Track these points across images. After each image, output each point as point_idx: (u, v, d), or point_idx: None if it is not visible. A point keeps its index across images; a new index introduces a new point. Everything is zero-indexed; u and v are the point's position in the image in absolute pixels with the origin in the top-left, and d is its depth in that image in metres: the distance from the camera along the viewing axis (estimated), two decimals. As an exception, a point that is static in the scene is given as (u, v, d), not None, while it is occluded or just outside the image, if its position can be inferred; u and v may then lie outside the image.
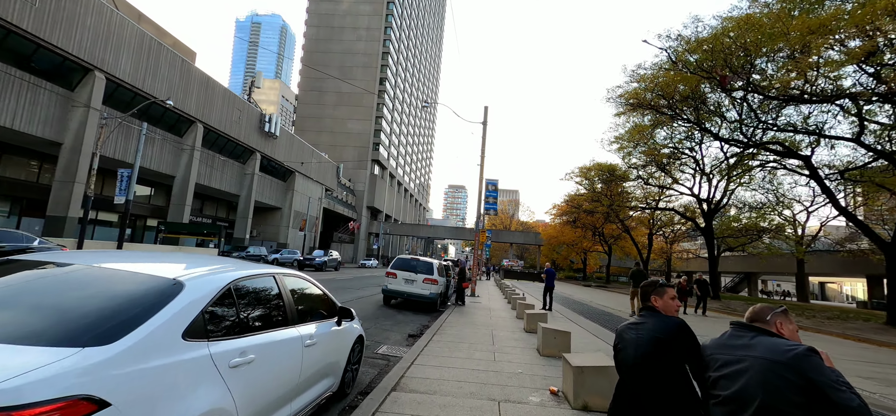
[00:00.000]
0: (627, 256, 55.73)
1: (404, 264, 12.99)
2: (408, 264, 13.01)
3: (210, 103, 31.74)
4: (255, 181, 38.58)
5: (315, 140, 71.17)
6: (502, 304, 16.37)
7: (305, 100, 76.40)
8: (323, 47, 77.50)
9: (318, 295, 4.09)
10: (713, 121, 19.76)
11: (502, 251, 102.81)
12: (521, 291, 23.58)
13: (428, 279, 12.61)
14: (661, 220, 38.60)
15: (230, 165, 36.32)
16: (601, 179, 34.71)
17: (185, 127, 30.38)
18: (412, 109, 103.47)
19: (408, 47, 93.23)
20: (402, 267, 12.92)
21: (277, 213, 46.07)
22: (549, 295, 14.51)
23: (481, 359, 6.43)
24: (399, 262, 13.13)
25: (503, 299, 18.63)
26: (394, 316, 11.24)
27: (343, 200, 66.03)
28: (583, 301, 21.46)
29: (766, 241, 29.59)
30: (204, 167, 32.63)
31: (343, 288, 18.17)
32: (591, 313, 15.33)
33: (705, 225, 26.23)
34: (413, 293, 12.56)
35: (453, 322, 10.24)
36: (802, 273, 34.67)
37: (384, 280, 13.00)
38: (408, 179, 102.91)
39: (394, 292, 12.72)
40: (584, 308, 17.33)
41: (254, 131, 37.93)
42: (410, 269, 12.83)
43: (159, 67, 26.77)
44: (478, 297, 18.75)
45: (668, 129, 23.18)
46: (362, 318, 10.57)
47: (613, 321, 13.23)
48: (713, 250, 26.33)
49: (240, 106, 35.58)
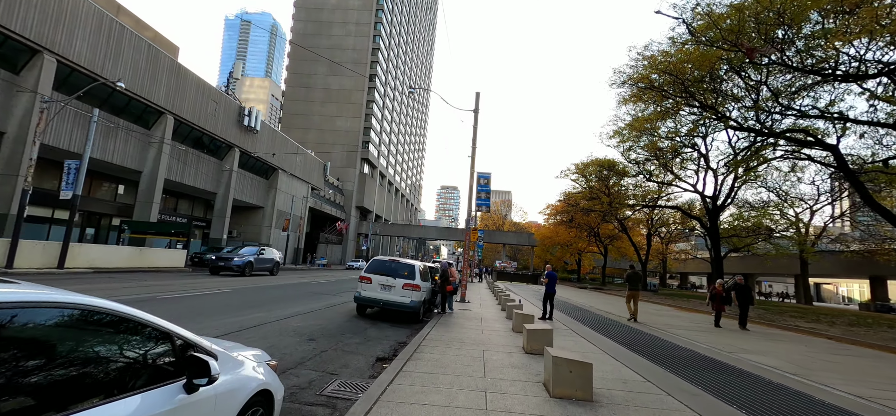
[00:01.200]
0: (623, 256, 54.31)
1: (381, 267, 11.05)
2: (385, 267, 11.07)
3: (181, 93, 29.49)
4: (234, 178, 36.32)
5: (302, 138, 68.92)
6: (495, 312, 14.49)
7: (292, 97, 74.04)
8: (311, 42, 75.20)
9: (142, 338, 2.14)
10: (726, 107, 18.06)
11: (495, 253, 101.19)
12: (517, 295, 21.70)
13: (409, 285, 10.69)
14: (662, 218, 37.07)
15: (206, 160, 34.04)
16: (599, 177, 33.02)
17: (154, 118, 28.11)
18: (403, 108, 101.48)
19: (398, 44, 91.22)
20: (379, 270, 10.98)
21: (259, 212, 43.80)
22: (549, 303, 12.67)
23: (468, 404, 4.53)
24: (375, 264, 11.19)
25: (496, 306, 16.74)
26: (364, 331, 9.29)
27: (331, 199, 63.83)
28: (582, 306, 19.65)
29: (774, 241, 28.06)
30: (176, 163, 30.36)
31: (314, 295, 16.17)
32: (597, 323, 13.49)
33: (710, 224, 24.62)
34: (390, 302, 10.62)
35: (436, 339, 8.33)
36: (806, 275, 33.30)
37: (358, 286, 11.04)
38: (399, 178, 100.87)
39: (368, 300, 10.78)
40: (586, 316, 15.50)
41: (232, 125, 35.69)
42: (388, 272, 10.89)
43: (122, 51, 24.51)
44: (468, 303, 16.85)
45: (673, 119, 21.50)
46: (325, 334, 8.65)
47: (628, 335, 11.42)
48: (719, 250, 24.74)
49: (216, 97, 33.34)
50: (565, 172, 36.92)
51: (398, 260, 11.25)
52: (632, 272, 14.62)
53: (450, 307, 12.95)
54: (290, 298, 13.93)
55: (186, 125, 30.72)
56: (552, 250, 66.90)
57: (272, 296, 14.03)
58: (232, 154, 36.33)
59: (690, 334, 12.10)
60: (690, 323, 15.64)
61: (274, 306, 11.67)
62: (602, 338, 10.25)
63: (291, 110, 73.69)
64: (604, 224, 49.48)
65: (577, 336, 10.11)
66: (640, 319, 14.92)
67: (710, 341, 11.11)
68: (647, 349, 9.15)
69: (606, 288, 43.58)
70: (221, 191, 35.89)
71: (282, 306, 11.97)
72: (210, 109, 32.79)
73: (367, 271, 11.01)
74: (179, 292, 13.33)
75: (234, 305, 11.44)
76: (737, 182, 23.98)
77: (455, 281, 13.04)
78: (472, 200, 17.55)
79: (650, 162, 25.86)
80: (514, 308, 11.64)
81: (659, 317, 17.01)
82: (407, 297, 10.62)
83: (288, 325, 9.19)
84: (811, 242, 31.59)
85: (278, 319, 9.82)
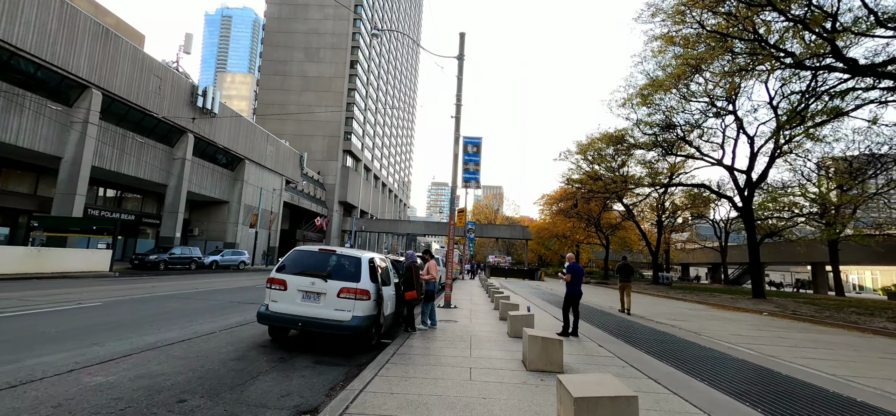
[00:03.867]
0: (625, 247, 50.56)
1: (303, 263, 6.76)
2: (310, 261, 6.79)
3: (112, 65, 24.77)
4: (188, 168, 31.64)
5: (279, 129, 64.06)
6: (492, 324, 10.27)
7: (267, 85, 69.01)
8: (286, 27, 70.22)
9: None
10: (783, 44, 14.03)
11: (487, 248, 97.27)
12: (517, 296, 17.58)
13: (350, 291, 6.42)
14: (675, 203, 33.18)
15: (152, 147, 29.32)
16: (602, 158, 28.86)
17: (75, 93, 23.40)
18: (389, 99, 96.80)
19: (382, 27, 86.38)
20: (300, 268, 6.69)
21: (224, 207, 39.11)
22: (572, 310, 8.46)
23: None
24: (295, 258, 6.88)
25: (492, 312, 12.52)
26: (254, 380, 5.01)
27: (310, 194, 59.16)
28: (602, 307, 15.54)
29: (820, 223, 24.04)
30: (109, 148, 25.67)
31: (232, 305, 11.84)
32: (652, 342, 9.36)
33: (743, 204, 20.68)
34: (317, 320, 6.33)
35: (387, 398, 4.11)
36: (837, 262, 29.63)
37: (265, 294, 6.70)
38: (386, 172, 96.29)
39: (280, 318, 6.45)
40: (623, 326, 11.36)
41: (183, 106, 30.98)
42: (314, 271, 6.62)
43: (21, 9, 19.76)
44: (454, 308, 12.63)
45: (709, 69, 17.42)
46: (180, 388, 4.43)
47: (751, 377, 7.29)
48: (754, 235, 20.76)
49: (160, 72, 28.60)
50: (565, 154, 32.80)
51: (335, 251, 6.97)
52: (623, 264, 14.09)
53: (427, 322, 8.70)
54: (189, 313, 9.56)
55: (121, 103, 26.01)
56: (548, 243, 63.08)
57: (163, 311, 9.66)
58: (185, 140, 31.64)
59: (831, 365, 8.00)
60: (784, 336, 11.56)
61: (150, 329, 7.38)
62: (701, 386, 6.08)
63: (267, 100, 68.66)
64: (604, 213, 45.68)
65: (645, 378, 5.91)
66: (692, 327, 10.88)
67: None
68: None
69: (611, 281, 39.73)
70: (173, 183, 31.19)
71: (165, 327, 7.68)
72: (153, 87, 28.07)
73: (280, 269, 6.71)
74: (20, 307, 8.94)
75: (84, 327, 7.13)
76: (786, 145, 19.73)
77: (432, 282, 8.80)
78: (457, 172, 13.32)
79: (671, 131, 21.79)
80: (526, 327, 7.49)
81: (717, 324, 12.95)
82: (346, 310, 6.37)
83: (140, 367, 4.95)
84: (843, 224, 27.82)
85: (138, 350, 5.60)
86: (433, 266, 8.78)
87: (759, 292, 20.10)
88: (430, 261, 8.91)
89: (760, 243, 22.02)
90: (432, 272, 8.70)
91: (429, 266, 8.75)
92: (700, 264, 74.42)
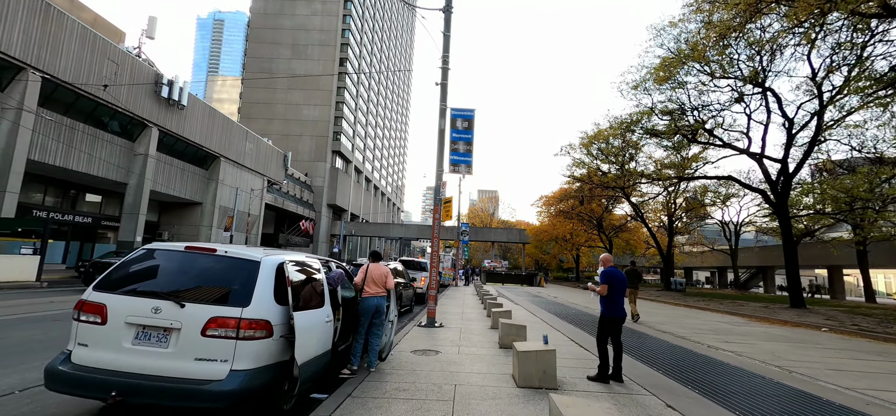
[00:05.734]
0: (631, 249, 47.80)
1: (144, 273, 3.79)
2: (161, 269, 3.82)
3: (55, 45, 21.73)
4: (151, 165, 28.53)
5: (264, 128, 61.13)
6: (489, 355, 7.32)
7: (252, 83, 65.93)
8: (272, 23, 67.34)
9: None
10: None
11: (482, 252, 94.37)
12: (518, 307, 14.66)
13: (223, 323, 3.45)
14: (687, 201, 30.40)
15: (109, 141, 26.23)
16: (610, 149, 26.01)
17: (7, 76, 20.33)
18: (381, 100, 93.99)
19: (372, 28, 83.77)
20: (136, 282, 3.71)
21: (196, 209, 35.97)
22: (612, 341, 5.49)
23: None
24: (135, 264, 3.90)
25: (488, 333, 9.58)
26: None
27: (296, 196, 56.04)
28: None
29: (875, 216, 21.15)
30: (53, 142, 22.59)
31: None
32: (709, 379, 6.45)
33: (777, 198, 17.88)
34: (154, 380, 3.32)
35: None
36: (866, 264, 26.93)
37: (71, 330, 3.68)
38: (378, 175, 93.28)
39: (85, 379, 3.37)
40: (664, 355, 8.45)
41: (146, 97, 27.90)
42: (161, 289, 3.64)
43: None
44: (439, 327, 9.67)
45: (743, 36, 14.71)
46: None
47: None
48: (790, 233, 17.94)
49: (117, 57, 25.54)
50: (567, 149, 29.97)
51: (212, 251, 3.96)
52: (632, 269, 12.91)
53: (376, 360, 5.71)
54: (36, 349, 6.54)
55: (67, 90, 22.93)
56: (546, 247, 60.31)
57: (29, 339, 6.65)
58: (148, 135, 28.54)
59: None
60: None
61: None
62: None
63: (251, 98, 65.63)
64: (607, 214, 42.98)
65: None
66: (763, 356, 7.99)
67: None
68: None
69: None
70: (134, 181, 28.04)
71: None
72: (108, 72, 24.99)
73: (101, 285, 3.71)
74: None
75: None
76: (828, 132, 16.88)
77: (373, 298, 5.72)
78: (443, 152, 10.40)
79: (693, 114, 18.97)
80: (542, 366, 4.56)
81: (789, 349, 10.07)
82: (217, 359, 3.41)
83: None
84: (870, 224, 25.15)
85: None
86: (379, 273, 5.79)
87: (798, 300, 17.31)
88: (373, 265, 5.86)
89: (798, 243, 19.28)
90: (375, 283, 5.70)
91: (370, 274, 5.74)
92: (702, 268, 71.83)
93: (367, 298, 5.61)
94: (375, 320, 5.62)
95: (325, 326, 4.60)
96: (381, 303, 5.63)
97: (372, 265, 5.84)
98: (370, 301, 5.61)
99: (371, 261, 5.99)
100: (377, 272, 5.73)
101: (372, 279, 5.68)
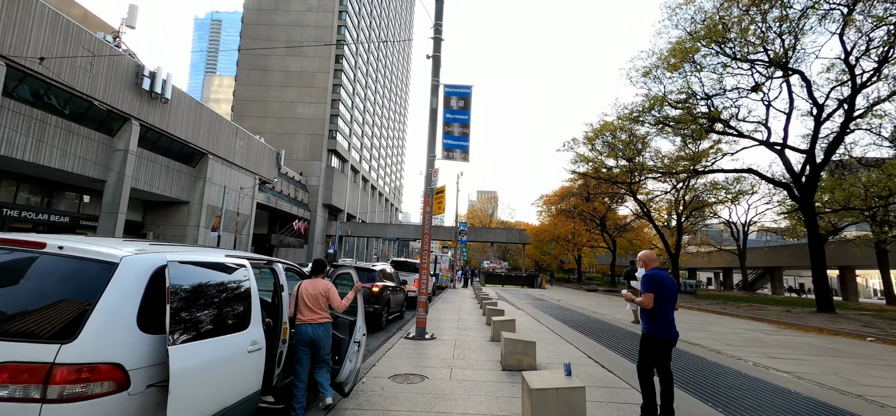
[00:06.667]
0: (634, 249, 46.29)
1: None
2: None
3: (21, 30, 20.23)
4: (131, 162, 27.01)
5: (258, 127, 59.61)
6: (490, 380, 5.85)
7: (246, 81, 64.47)
8: (266, 19, 65.90)
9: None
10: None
11: (481, 253, 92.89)
12: (522, 313, 13.20)
13: (10, 376, 1.94)
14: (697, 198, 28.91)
15: (83, 136, 24.72)
16: (617, 141, 24.46)
17: (-33, 63, 18.84)
18: (379, 99, 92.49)
19: (370, 23, 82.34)
20: None
21: (183, 208, 34.45)
22: (660, 371, 3.99)
23: None
24: None
25: (488, 347, 8.10)
26: None
27: (290, 196, 54.52)
28: (619, 322, 11.13)
29: None
30: (19, 136, 21.07)
31: None
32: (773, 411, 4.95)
33: (802, 193, 16.39)
34: None
35: None
36: (887, 264, 25.47)
37: None
38: (375, 175, 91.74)
39: None
40: (708, 376, 6.95)
41: (126, 89, 26.40)
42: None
43: None
44: (430, 340, 8.17)
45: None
46: None
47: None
48: (816, 230, 16.42)
49: (91, 45, 24.03)
50: (570, 144, 28.48)
51: (23, 244, 2.42)
52: (632, 269, 11.78)
53: (325, 391, 4.18)
54: None
55: (37, 80, 21.44)
56: (547, 247, 58.78)
57: None
58: (128, 129, 27.02)
59: None
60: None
61: None
62: None
63: (244, 96, 64.14)
64: (610, 212, 41.54)
65: None
66: (820, 375, 6.50)
67: None
68: None
69: (620, 287, 35.38)
70: (113, 179, 26.52)
71: None
72: (84, 62, 23.50)
73: None
74: None
75: None
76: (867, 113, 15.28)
77: (311, 327, 4.10)
78: (435, 135, 8.92)
79: (708, 101, 17.49)
80: (566, 408, 2.96)
81: (847, 365, 8.57)
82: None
83: None
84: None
85: None
86: (315, 294, 4.21)
87: (826, 304, 15.83)
88: (306, 284, 4.25)
89: (824, 241, 17.81)
90: (310, 307, 4.14)
91: (302, 297, 4.16)
92: (706, 269, 70.37)
93: (302, 326, 4.12)
94: (321, 355, 4.13)
95: (246, 359, 3.10)
96: (320, 333, 4.12)
97: (304, 284, 4.27)
98: (303, 331, 4.10)
99: (312, 274, 4.45)
100: (311, 292, 4.18)
101: (304, 303, 4.15)
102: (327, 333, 4.17)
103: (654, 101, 17.91)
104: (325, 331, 4.16)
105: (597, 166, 25.44)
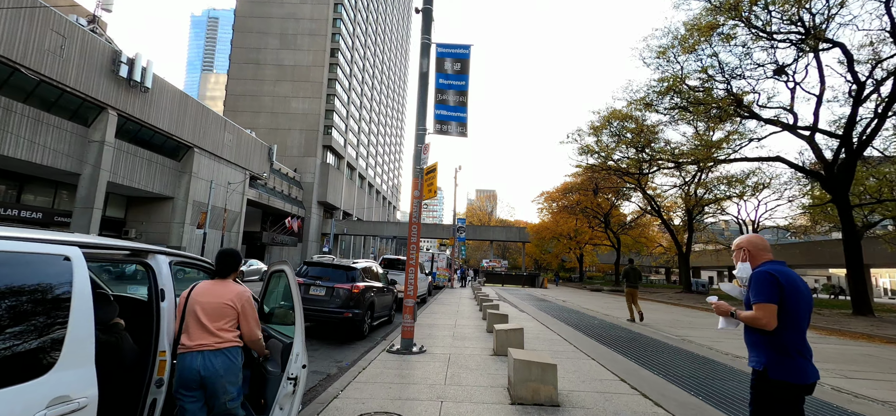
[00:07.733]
0: (640, 247, 44.80)
1: None
2: None
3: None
4: (108, 154, 25.38)
5: (251, 122, 57.93)
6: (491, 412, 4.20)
7: (238, 75, 62.71)
8: (260, 11, 64.12)
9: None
10: None
11: (481, 252, 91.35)
12: (527, 317, 11.64)
13: None
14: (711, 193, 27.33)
15: (54, 126, 23.08)
16: (625, 132, 22.83)
17: (-84, 41, 17.18)
18: (376, 95, 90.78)
19: (367, 17, 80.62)
20: None
21: (168, 204, 32.80)
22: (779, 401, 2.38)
23: None
24: None
25: (490, 364, 6.51)
26: None
27: (283, 192, 52.85)
28: (629, 327, 9.54)
29: None
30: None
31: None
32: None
33: (836, 183, 14.80)
34: None
35: None
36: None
37: None
38: (372, 172, 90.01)
39: None
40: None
41: (102, 76, 24.79)
42: None
43: None
44: (420, 354, 6.56)
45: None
46: None
47: None
48: (852, 225, 14.88)
49: (62, 28, 22.39)
50: (574, 136, 26.88)
51: None
52: (630, 268, 11.94)
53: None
54: None
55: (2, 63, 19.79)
56: (548, 246, 57.20)
57: None
58: (104, 119, 25.38)
59: None
60: None
61: None
62: None
63: (237, 90, 62.38)
64: (614, 209, 40.00)
65: None
66: (868, 390, 4.89)
67: None
68: None
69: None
70: (88, 172, 24.89)
71: None
72: (53, 45, 21.87)
73: None
74: None
75: None
76: None
77: (200, 355, 2.54)
78: (426, 102, 7.32)
79: (730, 83, 15.92)
80: None
81: None
82: None
83: None
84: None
85: None
86: (216, 303, 2.65)
87: (863, 306, 14.32)
88: (204, 287, 2.73)
89: (862, 237, 16.27)
90: (203, 326, 2.57)
91: (191, 306, 2.63)
92: (709, 268, 68.82)
93: (186, 355, 2.52)
94: (220, 404, 2.52)
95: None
96: (216, 366, 2.55)
97: (199, 288, 2.70)
98: (189, 364, 2.53)
99: (217, 273, 2.82)
100: (211, 300, 2.64)
101: (195, 319, 2.59)
102: (230, 366, 2.57)
103: (673, 80, 16.21)
104: (228, 363, 2.56)
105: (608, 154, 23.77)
